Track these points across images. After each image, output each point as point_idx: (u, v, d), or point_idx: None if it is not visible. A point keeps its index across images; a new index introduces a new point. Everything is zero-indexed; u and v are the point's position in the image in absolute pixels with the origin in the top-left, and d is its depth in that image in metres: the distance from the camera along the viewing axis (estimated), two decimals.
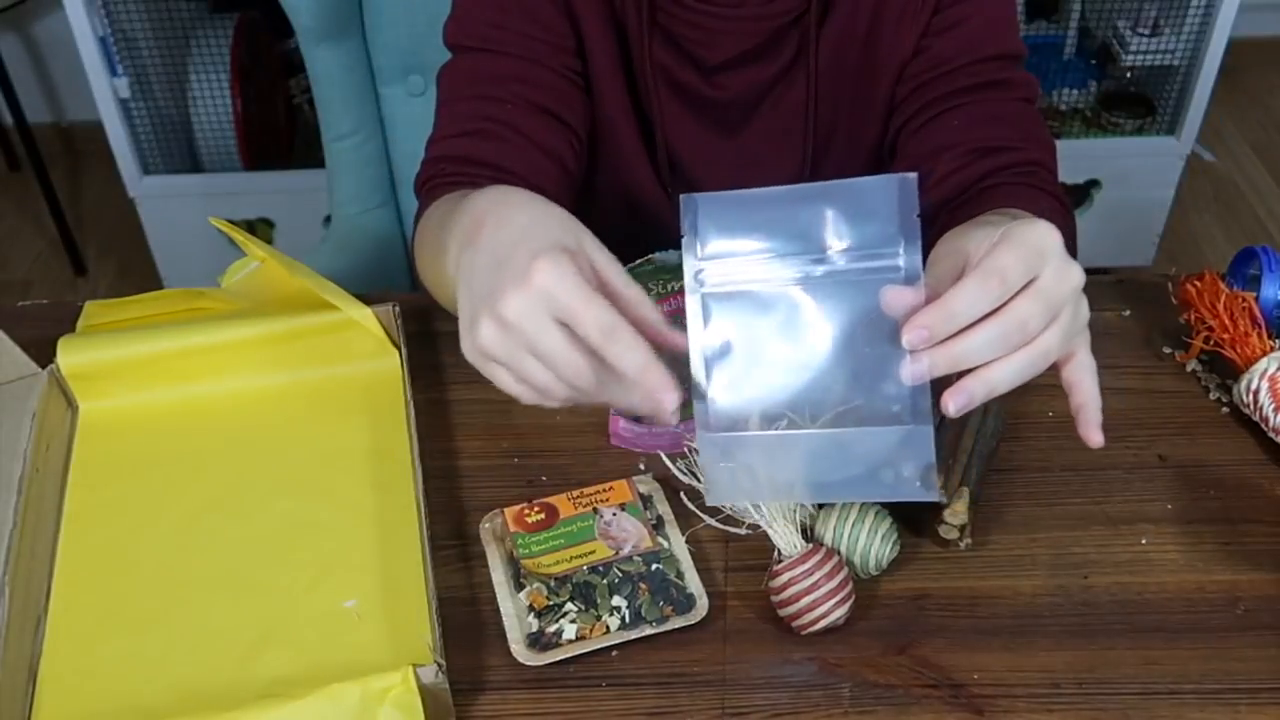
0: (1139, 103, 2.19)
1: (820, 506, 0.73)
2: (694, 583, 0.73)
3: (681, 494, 0.76)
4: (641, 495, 0.78)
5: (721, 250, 0.63)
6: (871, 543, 0.71)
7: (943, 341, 0.58)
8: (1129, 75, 2.20)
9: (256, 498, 0.78)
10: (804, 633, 0.69)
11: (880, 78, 0.94)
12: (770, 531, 0.70)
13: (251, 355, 0.86)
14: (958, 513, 0.73)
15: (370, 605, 0.71)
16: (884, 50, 0.93)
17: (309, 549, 0.75)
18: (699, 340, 0.63)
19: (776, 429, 0.62)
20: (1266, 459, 0.82)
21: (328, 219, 1.40)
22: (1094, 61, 2.27)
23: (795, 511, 0.70)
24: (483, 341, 0.59)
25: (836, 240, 0.62)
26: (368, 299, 0.88)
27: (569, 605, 0.70)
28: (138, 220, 2.13)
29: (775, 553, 0.70)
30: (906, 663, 0.69)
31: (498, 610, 0.71)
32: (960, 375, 0.60)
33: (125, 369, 0.84)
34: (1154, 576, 0.74)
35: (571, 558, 0.73)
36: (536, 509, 0.76)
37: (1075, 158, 2.11)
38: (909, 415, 0.61)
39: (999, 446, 0.81)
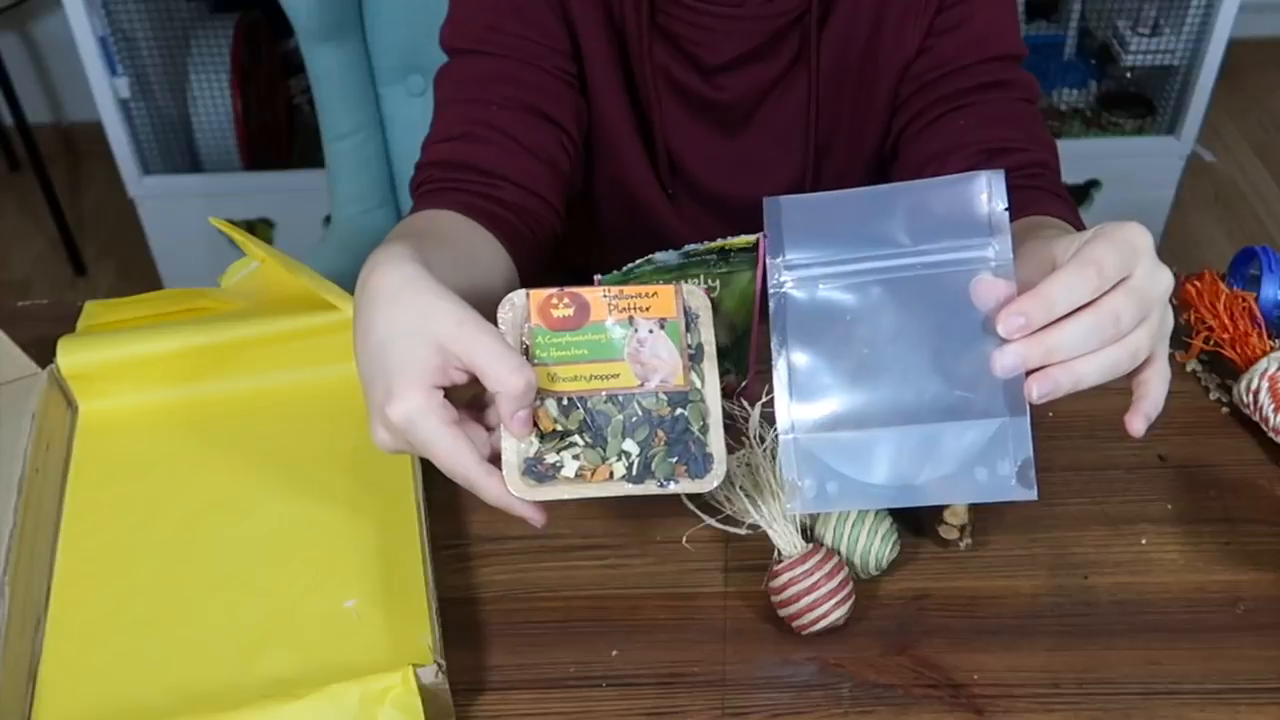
0: (1139, 103, 2.19)
1: None
2: (716, 443, 0.64)
3: (681, 495, 0.75)
4: (687, 311, 0.67)
5: (804, 251, 0.61)
6: (871, 543, 0.71)
7: (1035, 332, 0.57)
8: (1129, 75, 2.20)
9: (256, 498, 0.78)
10: (804, 633, 0.69)
11: (882, 78, 0.94)
12: (770, 531, 0.70)
13: (251, 355, 0.86)
14: (958, 513, 0.73)
15: (370, 605, 0.71)
16: (886, 51, 0.93)
17: (309, 549, 0.75)
18: (782, 343, 0.61)
19: (864, 430, 0.60)
20: (1266, 459, 0.82)
21: (328, 219, 1.40)
22: (1094, 61, 2.27)
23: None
24: (378, 443, 0.64)
25: (922, 237, 0.60)
26: None
27: (576, 437, 0.64)
28: (138, 220, 2.13)
29: (775, 553, 0.70)
30: (906, 663, 0.69)
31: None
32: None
33: (125, 369, 0.84)
34: (1154, 576, 0.74)
35: (591, 376, 0.65)
36: (566, 301, 0.65)
37: (1075, 158, 2.11)
38: (1003, 408, 0.58)
39: None
